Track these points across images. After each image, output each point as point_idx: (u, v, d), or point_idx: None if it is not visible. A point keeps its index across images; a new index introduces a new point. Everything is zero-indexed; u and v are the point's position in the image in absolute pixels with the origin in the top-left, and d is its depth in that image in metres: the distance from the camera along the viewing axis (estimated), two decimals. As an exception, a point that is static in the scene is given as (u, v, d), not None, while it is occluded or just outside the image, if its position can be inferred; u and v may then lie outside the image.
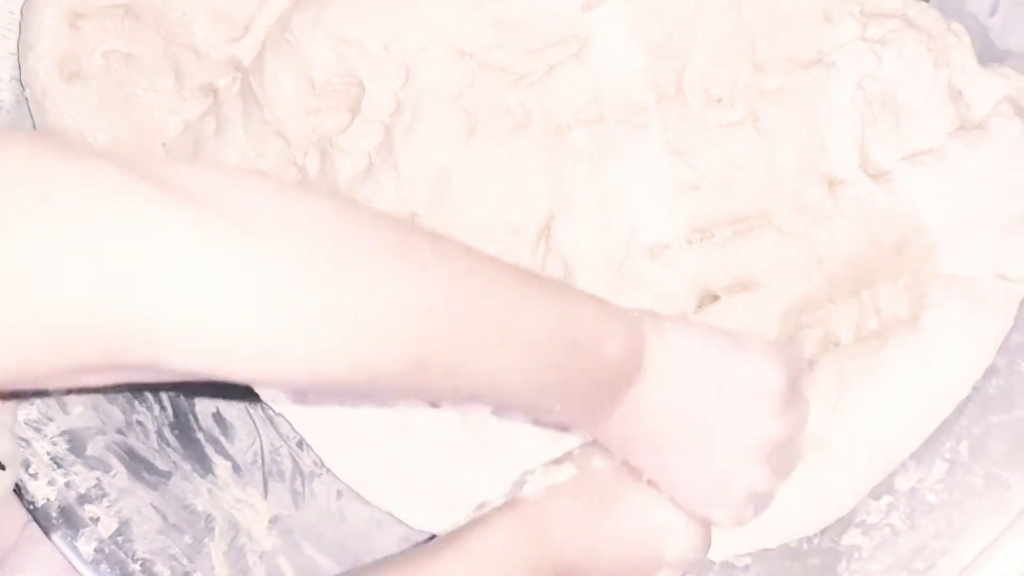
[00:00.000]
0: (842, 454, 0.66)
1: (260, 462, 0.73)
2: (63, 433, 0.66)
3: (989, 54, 0.70)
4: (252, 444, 0.74)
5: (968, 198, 0.68)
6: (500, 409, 0.64)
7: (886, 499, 0.66)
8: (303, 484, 0.73)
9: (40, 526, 0.64)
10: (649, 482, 0.58)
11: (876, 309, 0.69)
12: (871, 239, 0.68)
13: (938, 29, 0.69)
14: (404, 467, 0.70)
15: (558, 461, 0.61)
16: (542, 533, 0.58)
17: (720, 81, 0.69)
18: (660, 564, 0.60)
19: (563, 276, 0.68)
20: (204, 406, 0.73)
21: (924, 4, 0.70)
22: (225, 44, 0.71)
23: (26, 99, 0.73)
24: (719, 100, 0.70)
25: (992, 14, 0.71)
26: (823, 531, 0.67)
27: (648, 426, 0.55)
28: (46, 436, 0.65)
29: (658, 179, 0.68)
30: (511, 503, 0.60)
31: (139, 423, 0.70)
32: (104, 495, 0.65)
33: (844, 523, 0.66)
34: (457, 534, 0.59)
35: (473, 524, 0.59)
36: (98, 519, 0.64)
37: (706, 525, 0.60)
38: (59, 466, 0.65)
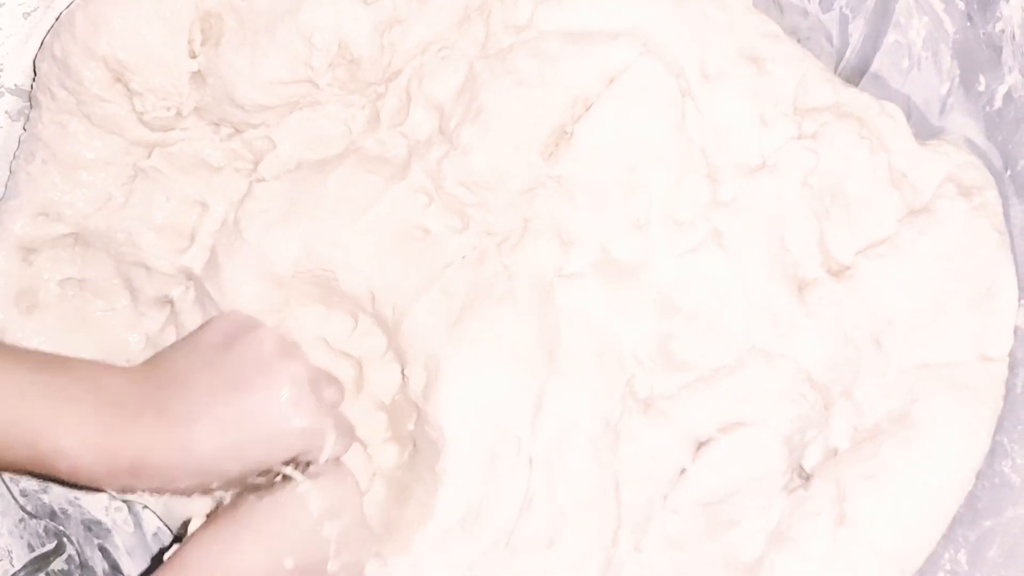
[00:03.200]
0: (852, 569, 0.65)
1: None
2: None
3: (927, 132, 0.71)
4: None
5: (930, 283, 0.68)
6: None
7: (895, 618, 0.65)
8: None
9: None
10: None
11: (870, 406, 0.68)
12: (845, 337, 0.68)
13: (869, 113, 0.70)
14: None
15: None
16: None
17: (682, 202, 0.70)
18: (314, 523, 0.63)
19: (559, 446, 0.68)
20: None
21: (854, 90, 0.71)
22: (173, 256, 0.72)
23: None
24: (682, 224, 0.70)
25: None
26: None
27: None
28: None
29: (646, 326, 0.69)
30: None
31: None
32: None
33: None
34: None
35: None
36: None
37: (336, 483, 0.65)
38: None
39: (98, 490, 0.62)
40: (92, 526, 0.75)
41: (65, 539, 0.74)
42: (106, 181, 0.72)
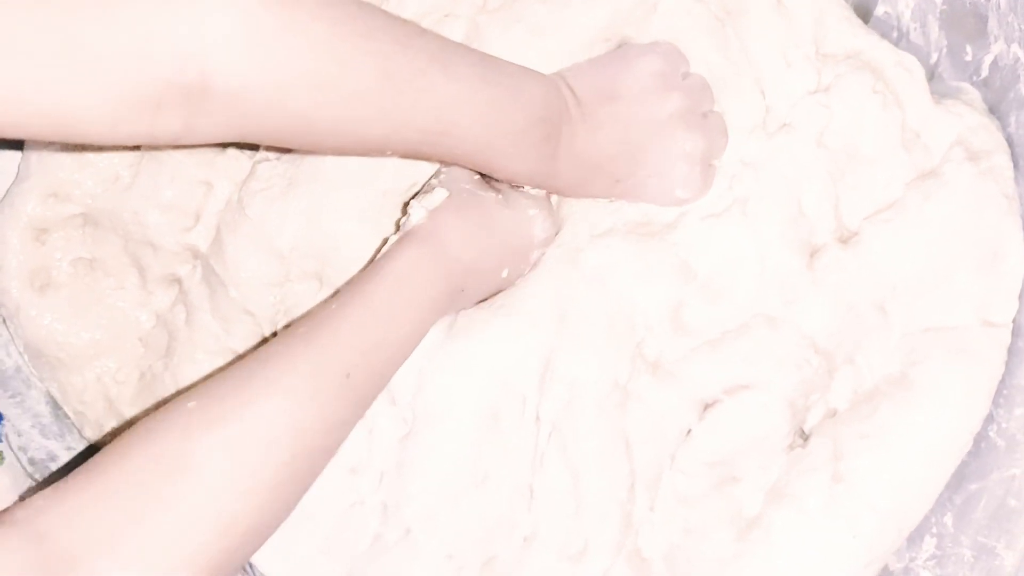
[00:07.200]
0: (850, 524, 0.65)
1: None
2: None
3: (944, 90, 0.70)
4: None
5: (936, 248, 0.67)
6: (462, 156, 0.63)
7: (882, 582, 0.65)
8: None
9: None
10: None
11: (870, 370, 0.68)
12: (848, 305, 0.67)
13: (885, 65, 0.69)
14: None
15: (427, 190, 0.66)
16: (441, 245, 0.62)
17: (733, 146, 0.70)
18: (532, 245, 0.69)
19: (568, 406, 0.68)
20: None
21: (875, 36, 0.70)
22: (179, 234, 0.74)
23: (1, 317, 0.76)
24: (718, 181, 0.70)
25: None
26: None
27: (589, 156, 0.66)
28: None
29: (662, 292, 0.69)
30: (403, 236, 0.63)
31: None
32: None
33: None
34: (361, 273, 0.62)
35: (371, 266, 0.62)
36: None
37: (551, 210, 0.70)
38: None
39: None
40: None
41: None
42: (113, 161, 0.74)
